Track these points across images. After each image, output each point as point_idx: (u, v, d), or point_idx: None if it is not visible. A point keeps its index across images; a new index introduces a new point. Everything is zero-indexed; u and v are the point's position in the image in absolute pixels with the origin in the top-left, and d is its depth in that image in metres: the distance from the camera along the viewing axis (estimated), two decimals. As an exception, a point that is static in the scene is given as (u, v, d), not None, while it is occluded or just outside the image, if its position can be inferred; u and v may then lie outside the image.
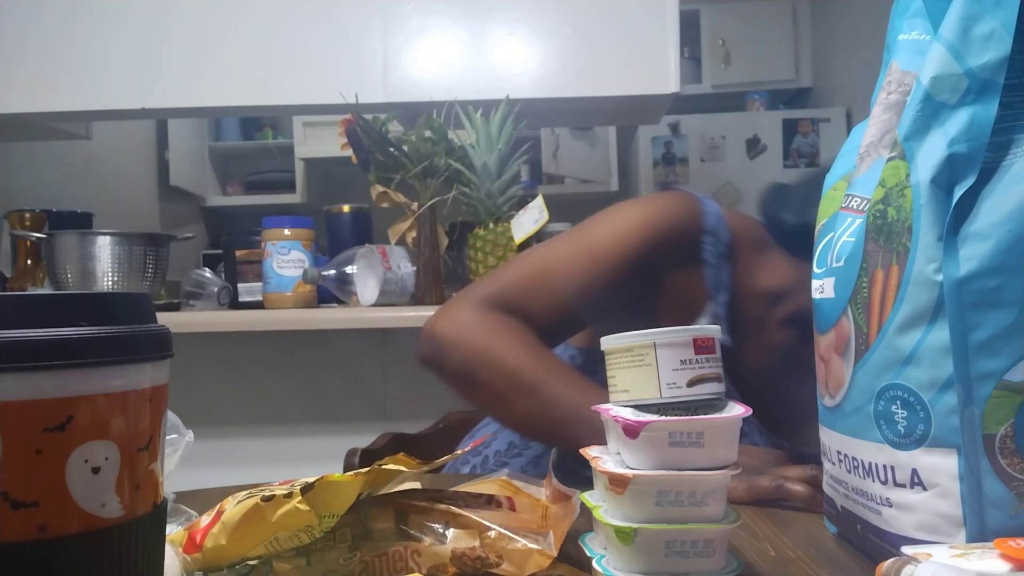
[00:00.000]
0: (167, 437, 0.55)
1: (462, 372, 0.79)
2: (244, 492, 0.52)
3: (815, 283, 0.60)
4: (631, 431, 0.49)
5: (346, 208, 1.92)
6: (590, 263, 0.86)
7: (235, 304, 1.73)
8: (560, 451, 0.72)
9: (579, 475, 0.66)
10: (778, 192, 0.92)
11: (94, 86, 1.79)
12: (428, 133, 1.57)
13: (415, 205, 1.60)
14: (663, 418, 0.50)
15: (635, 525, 0.49)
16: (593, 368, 0.92)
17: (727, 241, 0.92)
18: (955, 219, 0.48)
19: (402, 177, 1.59)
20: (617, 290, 0.87)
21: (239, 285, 1.74)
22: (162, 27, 1.79)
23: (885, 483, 0.52)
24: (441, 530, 0.52)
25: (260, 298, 1.66)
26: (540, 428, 0.80)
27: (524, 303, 0.85)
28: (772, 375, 0.92)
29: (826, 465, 0.61)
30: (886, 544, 0.52)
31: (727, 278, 0.91)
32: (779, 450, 0.80)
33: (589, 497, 0.55)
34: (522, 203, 1.56)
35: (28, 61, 1.78)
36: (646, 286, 0.90)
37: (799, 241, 0.84)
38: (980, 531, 0.47)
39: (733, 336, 0.91)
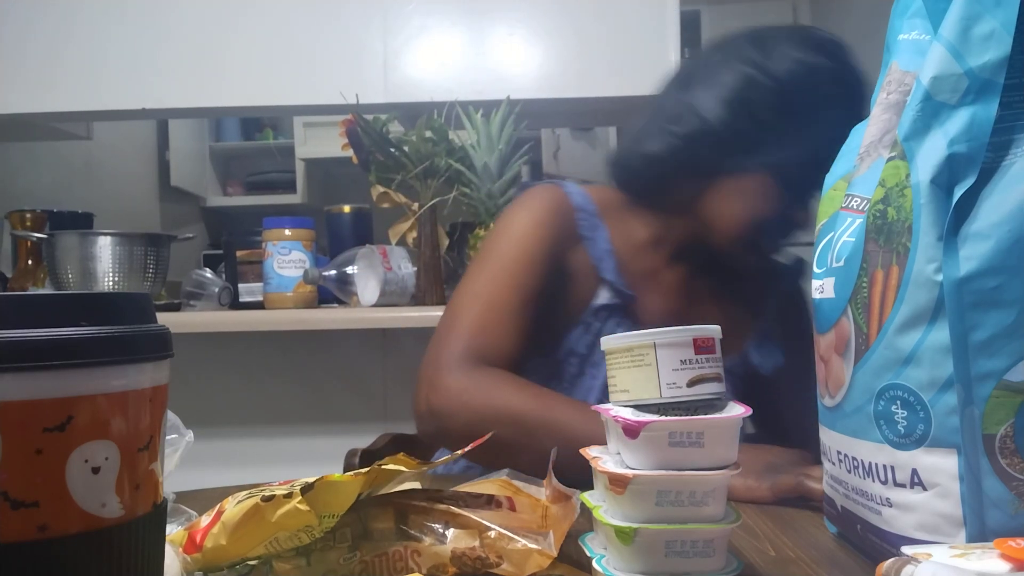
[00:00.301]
0: (167, 437, 0.55)
1: (473, 437, 0.80)
2: (244, 492, 0.52)
3: (815, 283, 0.60)
4: (631, 431, 0.49)
5: (347, 208, 1.92)
6: (514, 280, 0.92)
7: (236, 304, 1.73)
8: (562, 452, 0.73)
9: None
10: (615, 154, 1.05)
11: (95, 86, 1.79)
12: (429, 133, 1.57)
13: (415, 205, 1.60)
14: (663, 418, 0.50)
15: (635, 525, 0.49)
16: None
17: (594, 211, 1.00)
18: (955, 219, 0.48)
19: (403, 177, 1.59)
20: (544, 291, 0.93)
21: (240, 285, 1.74)
22: (163, 28, 1.79)
23: (885, 483, 0.52)
24: (441, 530, 0.52)
25: (261, 298, 1.66)
26: (567, 457, 0.82)
27: (490, 346, 0.89)
28: (682, 316, 1.00)
29: (826, 465, 0.61)
30: (886, 544, 0.52)
31: (606, 244, 0.99)
32: (803, 451, 0.80)
33: (589, 497, 0.55)
34: (522, 203, 1.55)
35: (29, 61, 1.79)
36: (556, 277, 0.95)
37: (644, 187, 1.02)
38: (980, 531, 0.47)
39: (637, 291, 0.98)
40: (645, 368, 0.51)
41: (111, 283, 1.58)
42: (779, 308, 1.06)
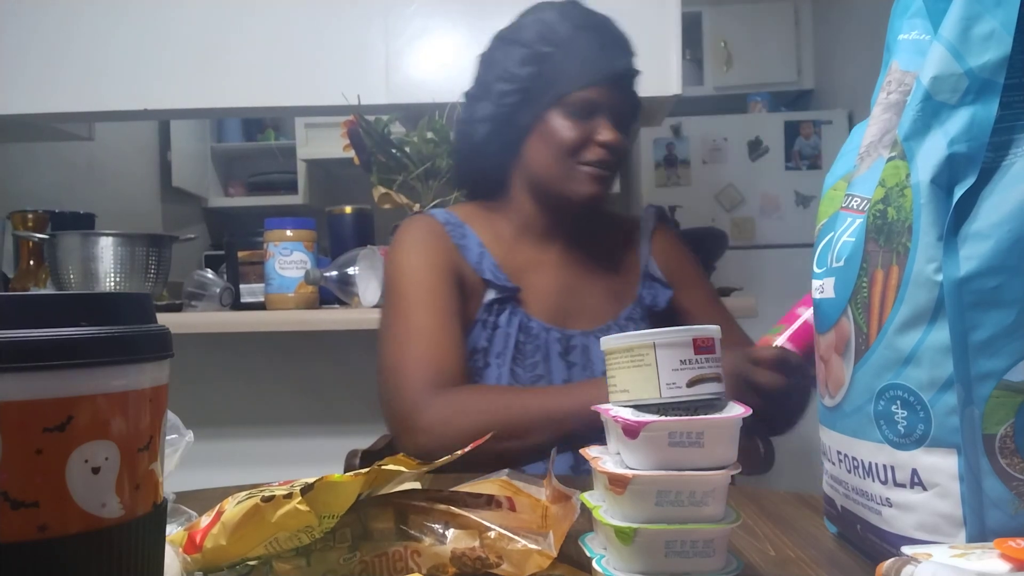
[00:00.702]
0: (167, 437, 0.55)
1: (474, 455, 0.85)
2: (244, 493, 0.52)
3: (815, 283, 0.60)
4: (631, 431, 0.49)
5: (348, 209, 1.92)
6: (432, 303, 1.02)
7: (237, 305, 1.74)
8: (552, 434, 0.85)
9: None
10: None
11: (97, 87, 1.79)
12: (430, 134, 1.57)
13: (417, 206, 1.60)
14: (663, 418, 0.50)
15: (635, 525, 0.49)
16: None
17: (460, 221, 1.12)
18: (955, 219, 0.48)
19: (404, 178, 1.60)
20: (456, 302, 1.04)
21: (241, 286, 1.74)
22: (164, 29, 1.79)
23: (885, 483, 0.52)
24: (441, 530, 0.52)
25: (262, 299, 1.66)
26: (561, 435, 0.90)
27: (444, 369, 0.97)
28: (568, 291, 1.12)
29: (826, 465, 0.61)
30: (886, 544, 0.52)
31: (478, 247, 1.10)
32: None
33: (589, 497, 0.55)
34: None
35: (31, 62, 1.79)
36: (456, 287, 1.06)
37: (478, 182, 1.18)
38: (980, 531, 0.47)
39: (519, 281, 1.09)
40: (645, 368, 0.51)
41: (113, 284, 1.58)
42: (652, 249, 1.18)
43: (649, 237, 1.20)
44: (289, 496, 0.49)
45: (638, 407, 0.52)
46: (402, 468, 0.53)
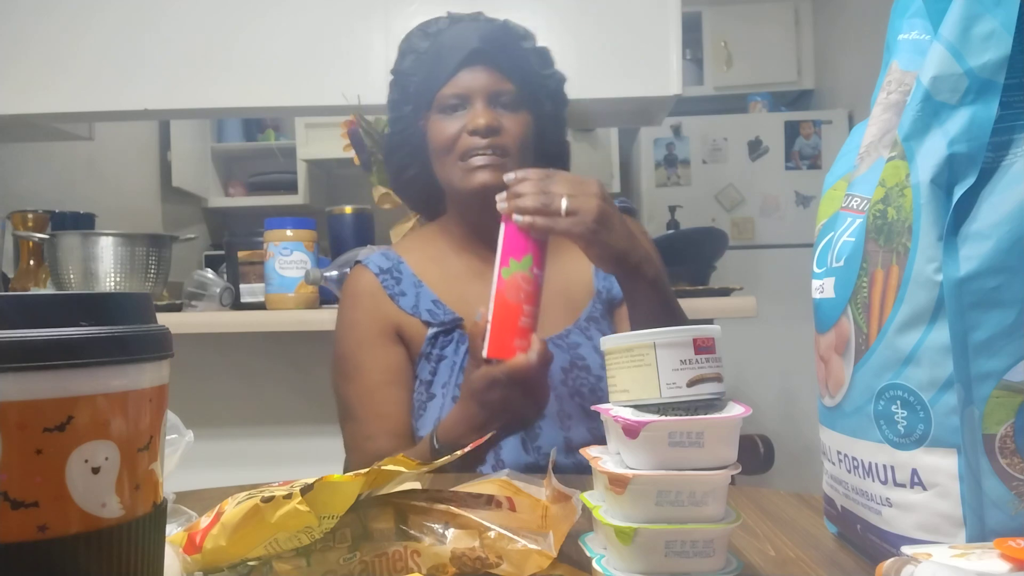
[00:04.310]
0: (167, 437, 0.55)
1: None
2: (244, 493, 0.52)
3: (815, 283, 0.60)
4: (631, 431, 0.49)
5: (348, 209, 1.91)
6: (375, 364, 1.05)
7: (237, 305, 1.73)
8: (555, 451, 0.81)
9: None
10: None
11: (97, 87, 1.79)
12: (429, 134, 1.57)
13: (416, 206, 1.60)
14: (663, 418, 0.50)
15: (635, 525, 0.49)
16: None
17: (395, 260, 1.11)
18: (955, 219, 0.48)
19: (403, 178, 1.59)
20: (400, 352, 1.06)
21: (241, 286, 1.74)
22: (165, 29, 1.79)
23: (885, 483, 0.52)
24: (441, 530, 0.52)
25: (262, 299, 1.66)
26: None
27: (396, 427, 1.03)
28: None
29: (826, 465, 0.61)
30: (886, 544, 0.52)
31: (414, 285, 1.09)
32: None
33: (589, 497, 0.55)
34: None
35: (31, 62, 1.79)
36: (399, 337, 1.07)
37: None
38: (980, 531, 0.47)
39: (461, 305, 1.06)
40: (645, 368, 0.51)
41: (113, 284, 1.58)
42: None
43: None
44: (289, 496, 0.49)
45: (638, 407, 0.52)
46: (402, 468, 0.53)
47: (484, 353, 0.84)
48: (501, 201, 0.88)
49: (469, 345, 0.92)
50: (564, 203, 0.85)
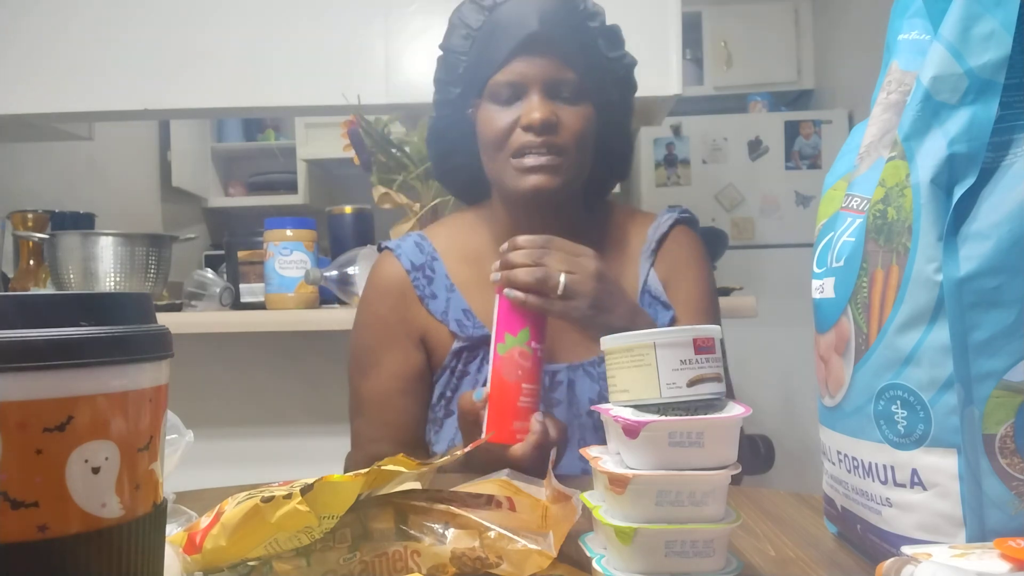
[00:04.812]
0: (167, 437, 0.55)
1: None
2: (244, 493, 0.52)
3: (815, 283, 0.60)
4: (631, 431, 0.49)
5: (348, 209, 1.91)
6: (388, 369, 0.99)
7: (237, 305, 1.73)
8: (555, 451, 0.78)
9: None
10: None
11: (96, 87, 1.79)
12: (430, 134, 1.57)
13: (417, 206, 1.60)
14: (663, 418, 0.50)
15: (635, 525, 0.49)
16: None
17: (429, 255, 1.03)
18: (955, 219, 0.48)
19: (404, 178, 1.59)
20: (417, 356, 1.00)
21: (241, 286, 1.74)
22: (164, 28, 1.79)
23: (885, 483, 0.52)
24: (441, 530, 0.52)
25: (262, 299, 1.66)
26: None
27: (400, 434, 0.99)
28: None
29: (826, 465, 0.61)
30: (886, 544, 0.52)
31: (447, 289, 1.01)
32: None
33: (589, 497, 0.55)
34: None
35: (31, 62, 1.79)
36: (419, 341, 1.00)
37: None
38: (980, 531, 0.47)
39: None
40: (645, 368, 0.51)
41: (113, 283, 1.58)
42: (656, 260, 1.02)
43: (655, 247, 1.03)
44: (289, 496, 0.49)
45: (638, 407, 0.52)
46: (402, 468, 0.53)
47: (483, 436, 0.78)
48: (494, 271, 0.83)
49: (459, 424, 0.86)
50: (562, 281, 0.80)
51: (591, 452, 0.56)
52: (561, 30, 0.92)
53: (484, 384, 0.82)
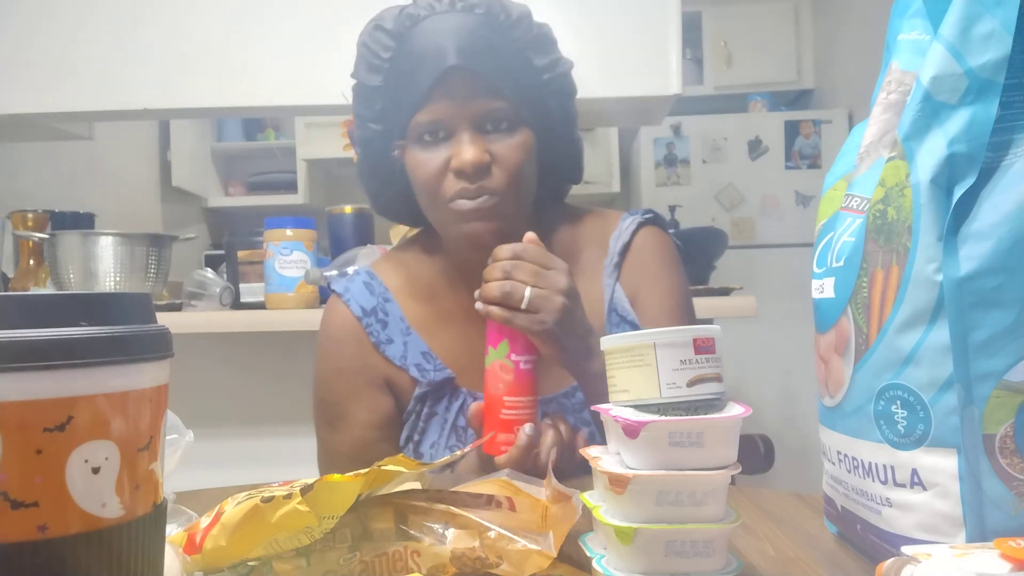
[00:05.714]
0: (167, 437, 0.55)
1: None
2: (244, 493, 0.52)
3: (815, 283, 0.60)
4: (631, 431, 0.49)
5: (348, 209, 1.91)
6: (350, 419, 0.94)
7: (237, 305, 1.74)
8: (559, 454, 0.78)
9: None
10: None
11: (96, 87, 1.79)
12: (429, 134, 1.57)
13: (416, 206, 1.60)
14: (663, 418, 0.50)
15: (635, 525, 0.49)
16: None
17: (382, 294, 0.97)
18: (955, 219, 0.48)
19: (403, 178, 1.59)
20: (381, 401, 0.94)
21: (241, 286, 1.74)
22: (165, 28, 1.79)
23: (885, 483, 0.52)
24: (441, 530, 0.52)
25: (262, 299, 1.66)
26: None
27: None
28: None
29: (826, 465, 0.61)
30: (886, 544, 0.52)
31: (402, 332, 0.94)
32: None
33: (589, 497, 0.55)
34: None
35: (31, 62, 1.79)
36: (382, 387, 0.94)
37: (401, 215, 0.99)
38: (980, 531, 0.47)
39: (462, 348, 0.94)
40: (645, 368, 0.51)
41: (113, 283, 1.58)
42: (621, 274, 0.96)
43: (618, 260, 0.96)
44: (289, 496, 0.49)
45: (638, 407, 0.52)
46: (402, 468, 0.53)
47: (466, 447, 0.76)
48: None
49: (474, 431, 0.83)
50: (527, 295, 0.76)
51: (591, 452, 0.56)
52: (483, 57, 0.83)
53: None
